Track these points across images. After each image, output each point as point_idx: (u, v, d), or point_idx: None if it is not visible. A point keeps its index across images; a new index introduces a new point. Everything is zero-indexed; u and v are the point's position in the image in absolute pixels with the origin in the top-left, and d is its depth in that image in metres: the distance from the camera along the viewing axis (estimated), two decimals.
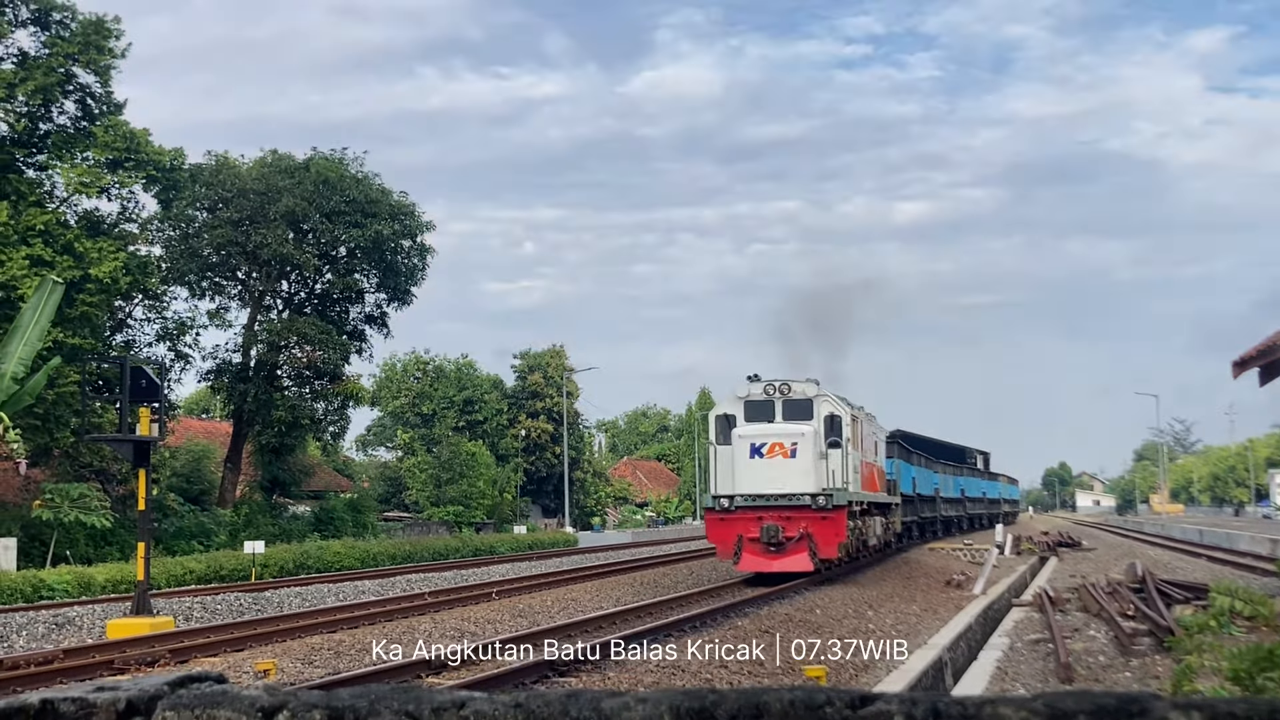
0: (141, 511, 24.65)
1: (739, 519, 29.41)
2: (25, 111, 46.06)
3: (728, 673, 15.94)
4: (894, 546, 44.40)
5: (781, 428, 30.08)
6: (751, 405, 30.96)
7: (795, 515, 28.98)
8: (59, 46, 46.10)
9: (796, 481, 29.30)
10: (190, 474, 56.63)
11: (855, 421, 32.31)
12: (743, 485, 29.68)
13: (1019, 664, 17.02)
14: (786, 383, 31.21)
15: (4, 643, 21.90)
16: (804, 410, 30.66)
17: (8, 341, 40.29)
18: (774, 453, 29.59)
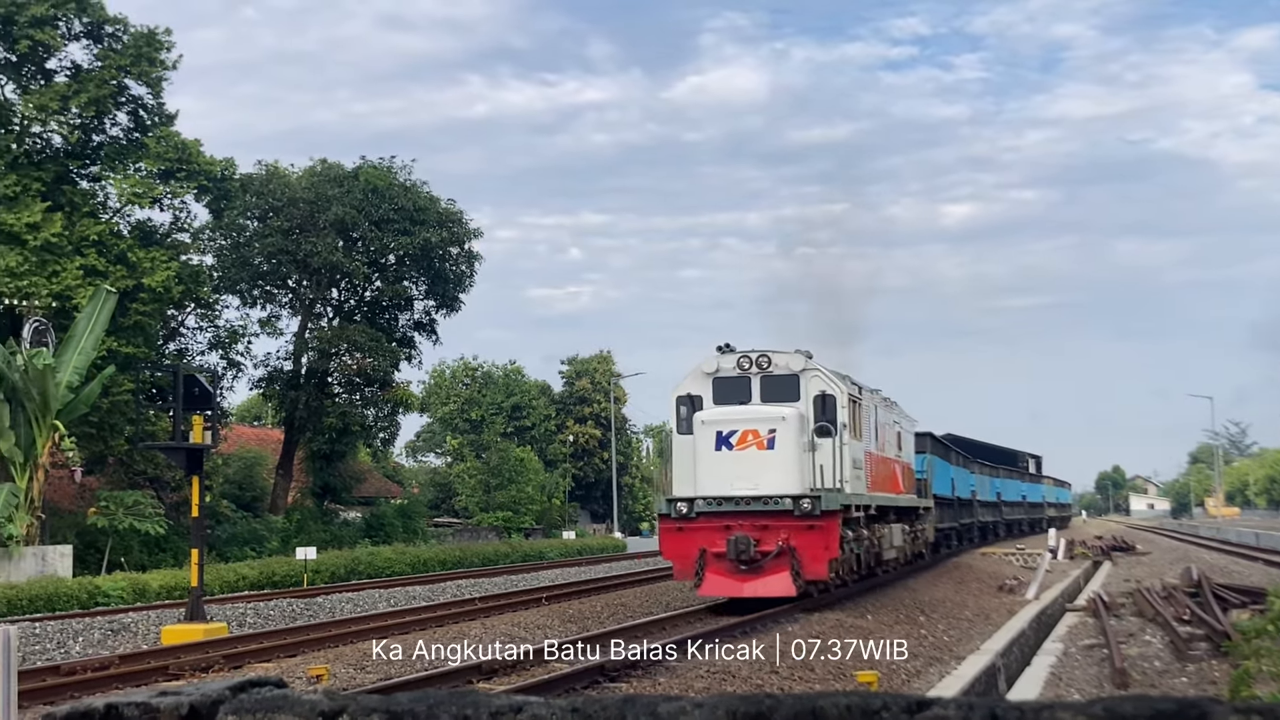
0: (195, 518, 24.87)
1: (701, 529, 22.91)
2: (79, 123, 46.65)
3: (779, 678, 15.90)
4: (926, 558, 37.74)
5: (756, 410, 23.77)
6: (722, 383, 24.66)
7: (773, 524, 22.47)
8: (111, 59, 46.66)
9: (775, 480, 22.77)
10: (243, 481, 57.10)
11: (856, 404, 25.93)
12: (706, 485, 23.12)
13: (1073, 669, 16.89)
14: (766, 354, 24.72)
15: (62, 649, 22.14)
16: (787, 388, 24.37)
17: (63, 351, 40.81)
18: (746, 443, 23.06)
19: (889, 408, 31.86)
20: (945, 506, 44.01)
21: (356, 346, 56.35)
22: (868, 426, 27.56)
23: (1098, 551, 50.54)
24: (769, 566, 22.44)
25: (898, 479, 31.80)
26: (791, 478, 22.93)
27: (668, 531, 23.78)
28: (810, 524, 22.39)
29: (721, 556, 22.57)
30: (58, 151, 47.05)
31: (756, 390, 24.55)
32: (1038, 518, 76.13)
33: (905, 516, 32.83)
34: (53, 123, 46.23)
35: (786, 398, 24.22)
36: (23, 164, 44.96)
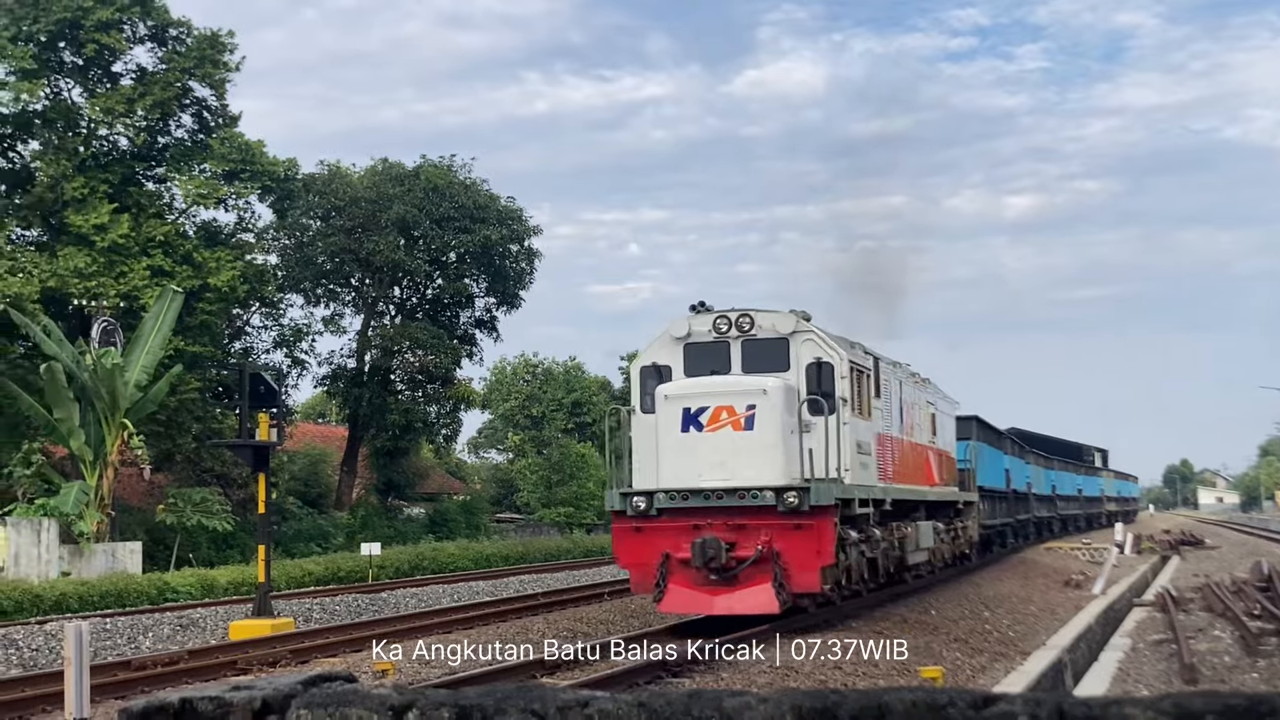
0: (261, 515, 25.14)
1: (664, 529, 18.69)
2: (144, 126, 47.23)
3: (842, 674, 15.83)
4: (972, 559, 33.54)
5: (730, 382, 19.30)
6: (695, 350, 20.19)
7: (752, 523, 18.22)
8: (175, 62, 47.21)
9: (754, 468, 18.40)
10: (308, 478, 57.62)
11: (864, 376, 21.21)
12: (670, 475, 18.83)
13: (1141, 665, 16.71)
14: (748, 313, 20.15)
15: (132, 644, 22.42)
16: (775, 355, 19.85)
17: (131, 350, 41.35)
18: (719, 422, 18.60)
19: (920, 385, 27.66)
20: (998, 500, 40.21)
21: (419, 344, 56.71)
22: (886, 404, 23.26)
23: (1165, 546, 49.93)
24: (746, 576, 18.09)
25: (930, 468, 27.50)
26: (775, 465, 18.43)
27: (623, 533, 19.35)
28: (797, 523, 18.00)
29: (688, 564, 18.33)
30: (124, 154, 47.68)
31: (737, 358, 19.93)
32: (1095, 512, 73.68)
33: (940, 512, 28.58)
34: (119, 125, 46.87)
35: (773, 366, 19.67)
36: (90, 166, 45.60)
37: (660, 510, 18.72)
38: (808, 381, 19.65)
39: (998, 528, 39.69)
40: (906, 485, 24.26)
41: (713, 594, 18.34)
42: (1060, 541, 52.20)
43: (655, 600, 18.99)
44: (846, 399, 19.82)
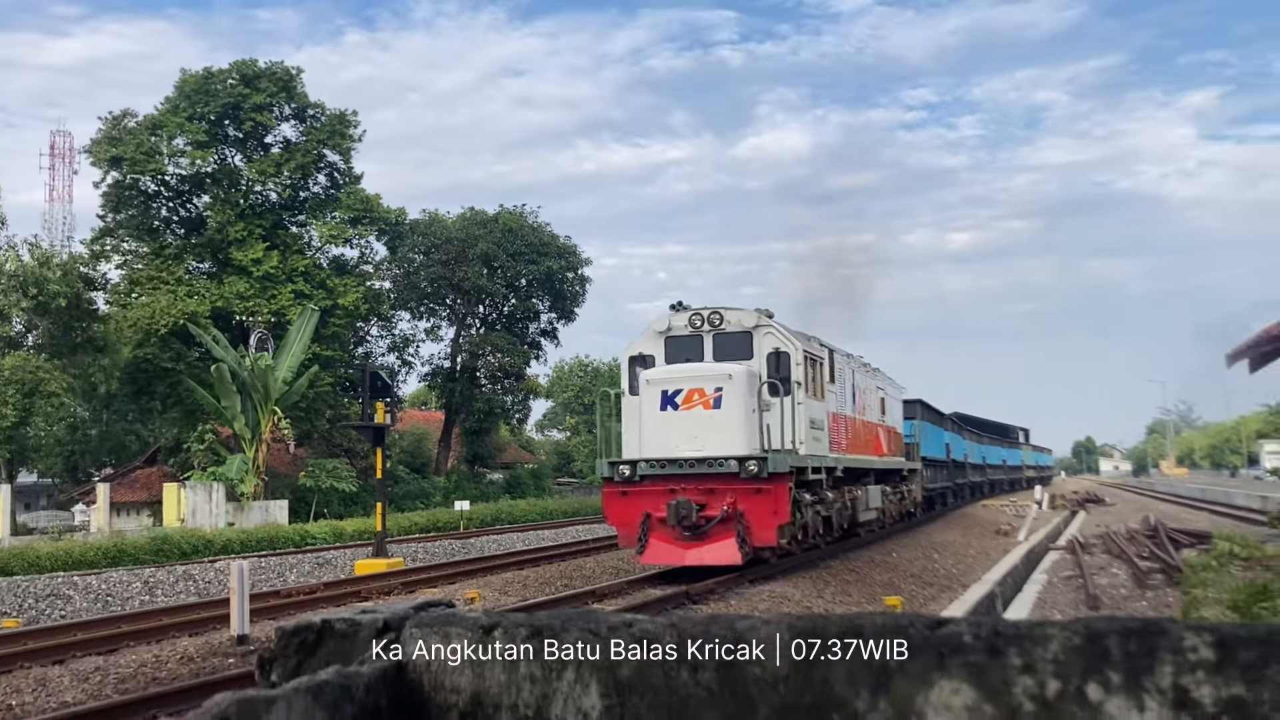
0: (379, 479, 25.26)
1: (645, 493, 17.65)
2: (289, 184, 47.55)
3: (824, 602, 15.76)
4: (917, 516, 32.10)
5: (701, 368, 18.29)
6: (674, 342, 19.32)
7: (719, 487, 17.25)
8: (313, 134, 47.50)
9: (722, 441, 17.41)
10: (414, 451, 57.83)
11: (817, 364, 20.05)
12: (651, 447, 17.87)
13: (1055, 595, 16.55)
14: (718, 311, 19.19)
15: (280, 578, 22.57)
16: (740, 346, 18.91)
17: (279, 354, 41.66)
18: (692, 402, 17.70)
19: (871, 373, 26.03)
20: (939, 467, 38.48)
21: (497, 349, 56.88)
22: (840, 388, 21.90)
23: (1074, 503, 49.44)
24: (714, 533, 17.01)
25: (880, 442, 26.15)
26: (739, 438, 17.30)
27: (611, 496, 18.13)
28: (758, 487, 16.89)
29: (665, 522, 17.26)
30: (274, 205, 48.02)
31: (709, 348, 18.90)
32: (1016, 478, 71.69)
33: (888, 478, 27.14)
34: (270, 184, 47.20)
35: (739, 355, 18.61)
36: (248, 215, 45.94)
37: (642, 477, 17.53)
38: (768, 368, 18.41)
39: (939, 490, 38.37)
40: (857, 455, 22.89)
41: (685, 548, 17.07)
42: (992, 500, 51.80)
43: (638, 553, 17.66)
44: (801, 382, 18.52)
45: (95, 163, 45.18)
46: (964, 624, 1.83)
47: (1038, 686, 1.72)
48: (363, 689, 1.80)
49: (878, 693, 1.75)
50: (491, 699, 1.83)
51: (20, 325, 41.25)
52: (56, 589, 19.17)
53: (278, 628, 2.01)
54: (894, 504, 27.51)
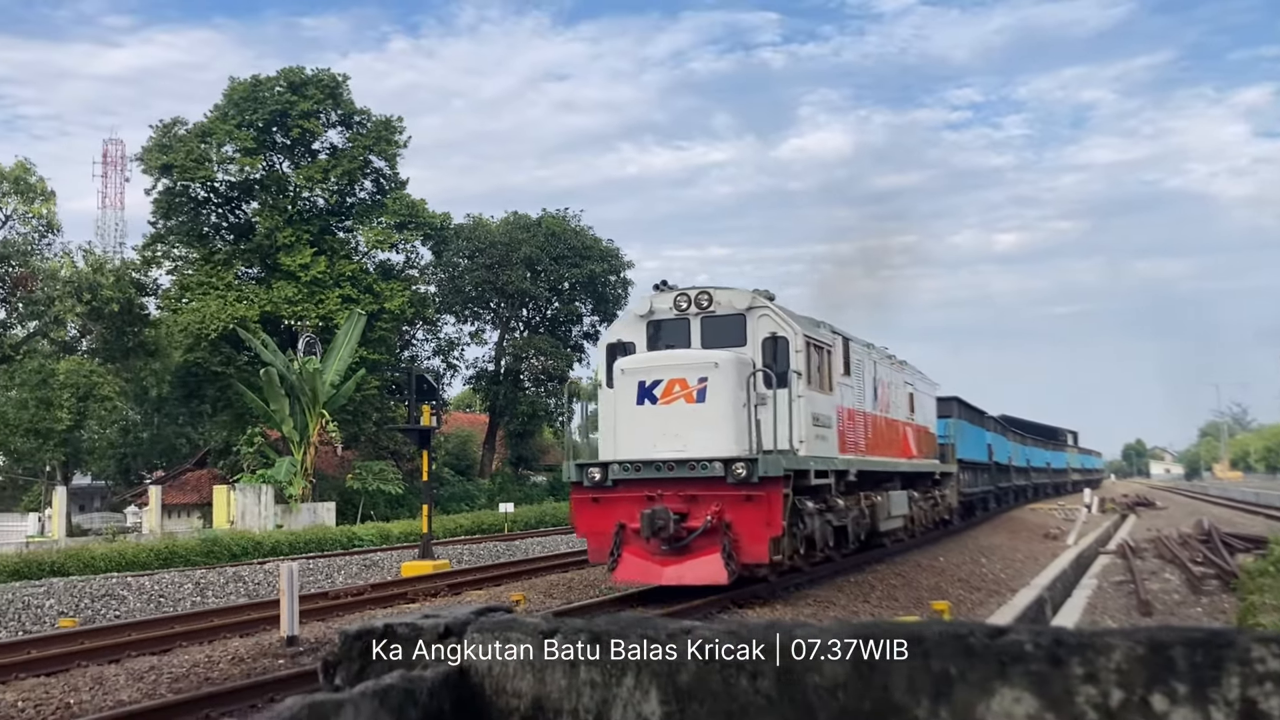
0: (425, 481, 25.40)
1: (620, 499, 15.20)
2: (336, 189, 48.07)
3: (869, 607, 15.63)
4: (954, 523, 29.32)
5: (682, 355, 15.78)
6: (657, 326, 16.84)
7: (704, 494, 14.74)
8: (359, 141, 47.97)
9: (707, 439, 14.95)
10: (459, 453, 58.19)
11: (821, 351, 17.13)
12: (626, 447, 15.47)
13: (1106, 601, 16.32)
14: (706, 291, 16.64)
15: (329, 579, 22.72)
16: (731, 331, 16.27)
17: (327, 358, 42.10)
18: (672, 395, 15.25)
19: (897, 366, 23.51)
20: (980, 470, 35.48)
21: (541, 352, 57.08)
22: (858, 381, 19.50)
23: (1124, 507, 48.68)
24: (696, 546, 14.55)
25: (908, 442, 23.55)
26: (726, 437, 14.89)
27: (581, 503, 15.70)
28: (747, 494, 14.48)
29: (641, 534, 14.81)
30: (321, 211, 48.56)
31: (696, 333, 16.46)
32: (1062, 481, 68.55)
33: (917, 482, 24.40)
34: (317, 190, 47.74)
35: (730, 341, 16.06)
36: (296, 220, 46.49)
37: (615, 481, 15.10)
38: (763, 356, 15.79)
39: (979, 495, 35.29)
40: (878, 456, 20.29)
41: (663, 564, 14.70)
42: (1040, 503, 51.15)
43: (609, 569, 15.20)
44: (801, 373, 15.81)
45: (147, 170, 45.98)
46: (1025, 632, 1.82)
47: (1101, 696, 1.71)
48: (426, 693, 1.83)
49: (938, 700, 1.75)
50: (552, 704, 1.86)
51: (75, 330, 42.06)
52: (111, 589, 19.50)
53: (340, 631, 2.04)
54: (925, 510, 24.81)
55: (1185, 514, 41.72)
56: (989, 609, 16.04)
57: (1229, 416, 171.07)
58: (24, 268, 39.49)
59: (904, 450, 23.09)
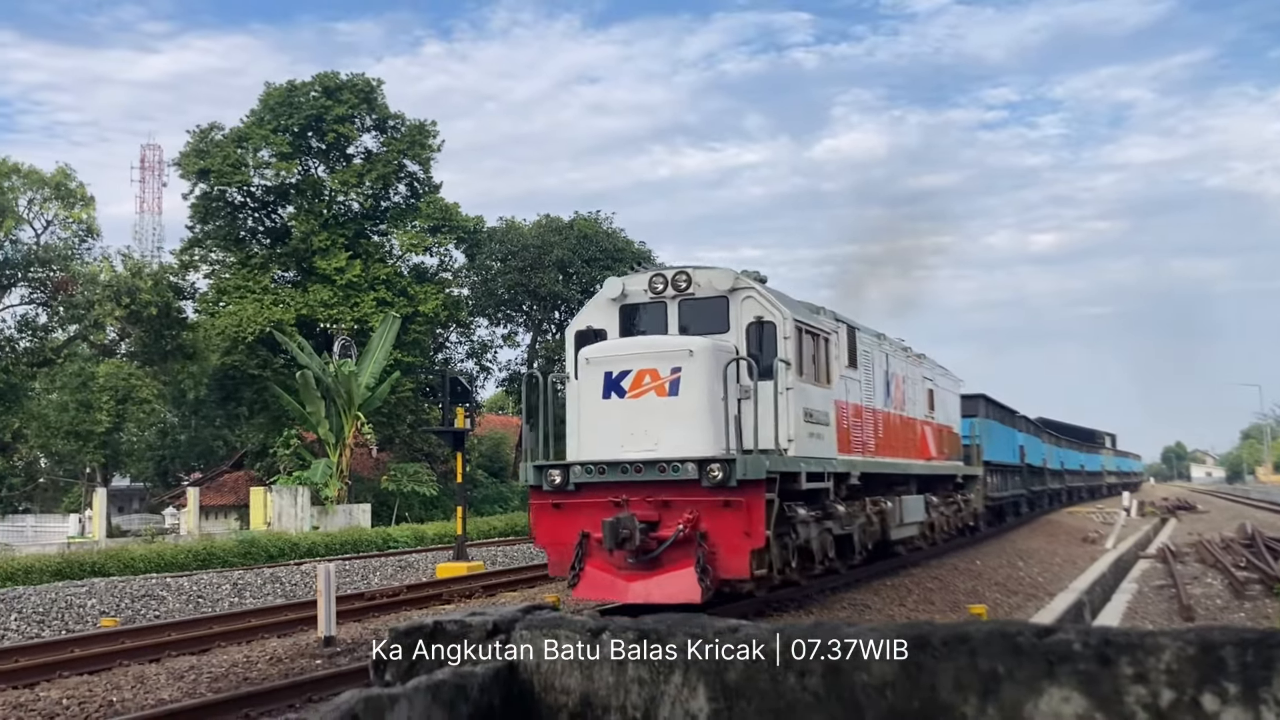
0: (459, 483, 25.51)
1: (583, 506, 13.56)
2: (370, 193, 48.44)
3: (905, 610, 15.54)
4: (980, 529, 27.43)
5: (653, 343, 14.08)
6: (630, 311, 15.17)
7: (677, 499, 13.09)
8: (393, 145, 48.32)
9: (679, 437, 13.37)
10: (492, 455, 58.37)
11: (817, 339, 15.31)
12: (590, 446, 13.98)
13: (1146, 605, 16.15)
14: (685, 271, 14.85)
15: (365, 580, 22.87)
16: (712, 315, 14.63)
17: (362, 360, 42.40)
18: (642, 387, 13.65)
19: (915, 361, 21.84)
20: (1010, 473, 33.73)
21: None
22: (866, 374, 17.84)
23: (1165, 510, 48.10)
24: (667, 559, 12.81)
25: (926, 442, 21.85)
26: (702, 434, 13.21)
27: (541, 510, 13.95)
28: (725, 499, 12.70)
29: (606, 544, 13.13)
30: (356, 214, 48.94)
31: (674, 318, 14.76)
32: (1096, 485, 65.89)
33: (937, 485, 22.51)
34: (352, 194, 48.13)
35: (711, 327, 14.38)
36: (331, 224, 46.89)
37: (578, 485, 13.41)
38: (748, 343, 14.15)
39: (1009, 499, 33.32)
40: (889, 458, 18.58)
41: (629, 579, 12.95)
42: (1078, 507, 50.62)
43: (570, 585, 13.46)
44: (791, 362, 14.03)
45: (184, 175, 46.52)
46: (1073, 632, 1.82)
47: (1151, 696, 1.71)
48: (477, 688, 1.85)
49: (986, 699, 1.76)
50: (601, 700, 1.88)
51: (114, 334, 42.63)
52: (150, 590, 19.73)
53: (390, 628, 2.08)
54: (946, 516, 23.01)
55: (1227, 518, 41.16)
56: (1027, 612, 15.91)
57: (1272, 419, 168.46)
58: (65, 272, 40.08)
59: (922, 451, 21.45)
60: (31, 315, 41.94)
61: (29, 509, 46.00)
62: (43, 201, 40.84)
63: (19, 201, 40.25)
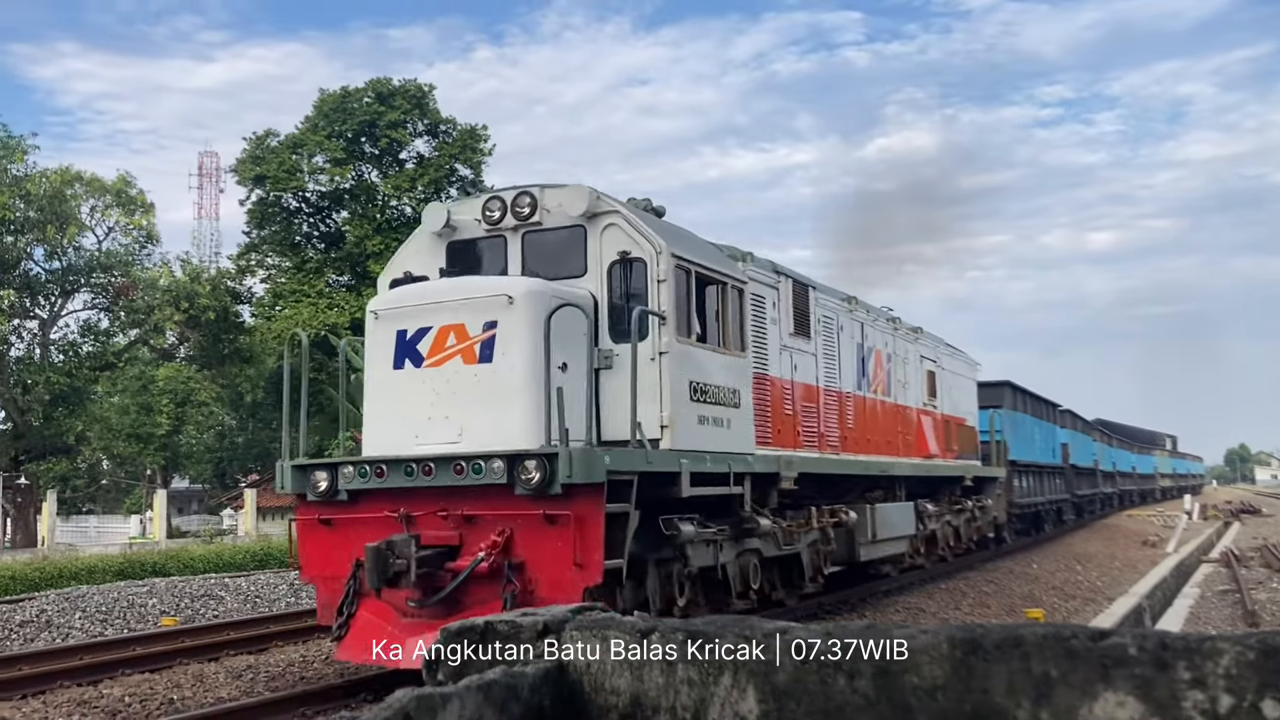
0: None
1: (361, 522, 9.49)
2: (423, 197, 48.87)
3: (960, 613, 15.39)
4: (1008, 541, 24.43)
5: (461, 287, 9.90)
6: (462, 250, 11.15)
7: (485, 512, 8.92)
8: (445, 149, 48.76)
9: (493, 422, 9.22)
10: None
11: (720, 288, 11.14)
12: (375, 436, 9.97)
13: (1209, 611, 15.85)
14: (528, 192, 10.76)
15: None
16: (567, 252, 10.51)
17: None
18: (444, 350, 9.53)
19: (907, 335, 17.68)
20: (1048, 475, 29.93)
21: None
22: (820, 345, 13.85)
23: (1227, 514, 47.15)
24: (469, 600, 8.89)
25: (924, 436, 17.90)
26: (525, 418, 9.24)
27: (307, 528, 10.02)
28: (547, 512, 8.75)
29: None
30: (409, 219, 49.40)
31: (515, 258, 10.70)
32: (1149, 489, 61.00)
33: (940, 489, 18.72)
34: (405, 198, 48.64)
35: (564, 268, 10.39)
36: (385, 228, 47.43)
37: (353, 492, 9.56)
38: (610, 289, 10.23)
39: (1045, 505, 29.24)
40: (863, 455, 14.84)
41: (412, 631, 8.97)
42: (1137, 510, 49.75)
43: (334, 639, 9.64)
44: (667, 316, 9.96)
45: (240, 181, 47.34)
46: (1129, 636, 1.80)
47: (1209, 701, 1.69)
48: (528, 688, 1.88)
49: (1039, 703, 1.74)
50: (650, 701, 1.89)
51: (173, 338, 43.46)
52: (210, 589, 20.09)
53: (442, 629, 2.11)
54: (953, 527, 19.22)
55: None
56: (1085, 617, 15.69)
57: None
58: (125, 278, 40.95)
59: (917, 447, 17.54)
60: (94, 320, 42.90)
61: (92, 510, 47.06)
62: (104, 209, 41.77)
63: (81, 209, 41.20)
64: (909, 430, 17.34)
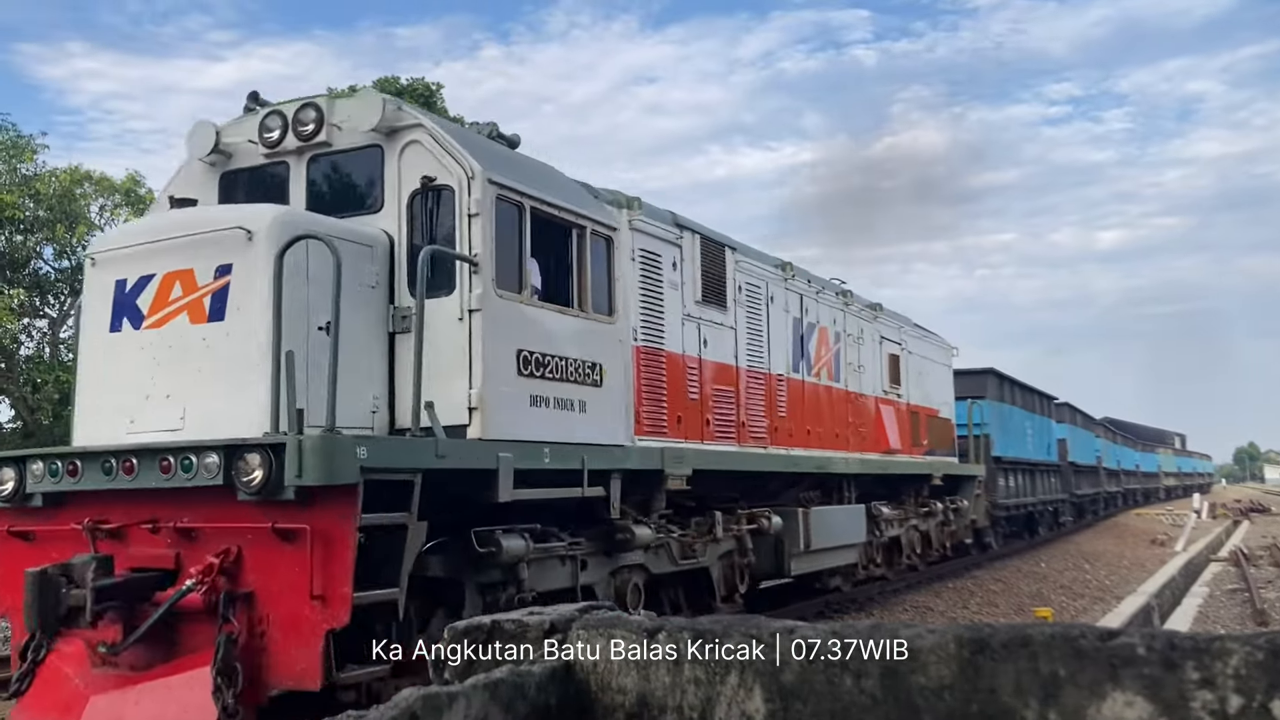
0: None
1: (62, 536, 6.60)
2: None
3: (968, 613, 15.37)
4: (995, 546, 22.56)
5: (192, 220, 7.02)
6: (237, 181, 8.21)
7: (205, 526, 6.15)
8: None
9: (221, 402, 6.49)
10: None
11: (564, 231, 8.35)
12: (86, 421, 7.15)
13: (1218, 610, 15.80)
14: (313, 104, 7.89)
15: None
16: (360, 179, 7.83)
17: None
18: (168, 304, 6.70)
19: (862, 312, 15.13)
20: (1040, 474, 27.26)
21: None
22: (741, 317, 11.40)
23: (1237, 512, 47.00)
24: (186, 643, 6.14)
25: (883, 428, 15.33)
26: (265, 396, 6.31)
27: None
28: (283, 525, 5.96)
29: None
30: None
31: (300, 186, 8.04)
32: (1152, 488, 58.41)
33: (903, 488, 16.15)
34: None
35: (356, 202, 7.87)
36: None
37: (48, 496, 6.98)
38: (410, 226, 7.69)
39: (1038, 506, 26.79)
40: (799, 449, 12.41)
41: (100, 687, 6.36)
42: (1146, 509, 49.64)
43: (10, 694, 6.68)
44: (481, 262, 7.39)
45: None
46: (1137, 635, 1.80)
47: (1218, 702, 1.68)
48: (534, 687, 1.88)
49: (1047, 703, 1.74)
50: (657, 701, 1.89)
51: None
52: None
53: (449, 627, 2.12)
54: (917, 532, 16.64)
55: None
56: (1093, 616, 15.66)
57: None
58: None
59: (875, 440, 15.01)
60: None
61: None
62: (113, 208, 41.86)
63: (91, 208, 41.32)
64: (864, 421, 14.71)
